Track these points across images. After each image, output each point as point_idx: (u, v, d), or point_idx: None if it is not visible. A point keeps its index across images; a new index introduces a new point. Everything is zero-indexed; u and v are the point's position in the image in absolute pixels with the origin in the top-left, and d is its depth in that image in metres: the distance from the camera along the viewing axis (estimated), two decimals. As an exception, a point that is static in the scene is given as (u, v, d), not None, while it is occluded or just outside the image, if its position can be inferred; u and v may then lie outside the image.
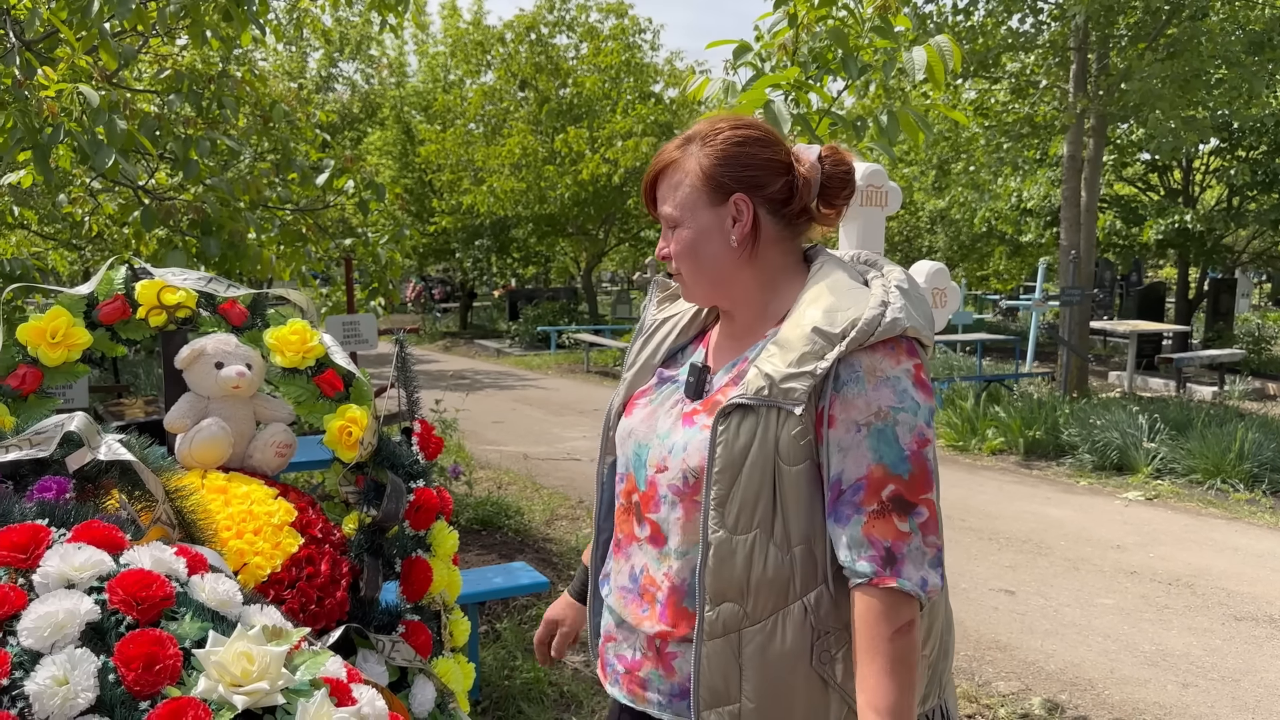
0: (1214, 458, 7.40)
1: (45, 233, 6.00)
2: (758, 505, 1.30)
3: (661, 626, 1.41)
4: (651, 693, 1.45)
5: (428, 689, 1.64)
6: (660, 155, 1.45)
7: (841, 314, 1.29)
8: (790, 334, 1.32)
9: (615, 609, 1.50)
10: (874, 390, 1.27)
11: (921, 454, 1.28)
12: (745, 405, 1.31)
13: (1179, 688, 3.97)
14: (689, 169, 1.40)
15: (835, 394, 1.28)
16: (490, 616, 4.34)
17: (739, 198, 1.38)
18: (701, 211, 1.40)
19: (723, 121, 1.43)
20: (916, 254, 19.51)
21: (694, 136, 1.42)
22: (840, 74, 2.48)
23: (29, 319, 1.56)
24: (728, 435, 1.31)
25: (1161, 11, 9.07)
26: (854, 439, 1.27)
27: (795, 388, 1.28)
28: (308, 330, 1.70)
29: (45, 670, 0.95)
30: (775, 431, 1.29)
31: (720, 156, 1.38)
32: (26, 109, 2.79)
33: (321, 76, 19.51)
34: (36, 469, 1.34)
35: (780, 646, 1.30)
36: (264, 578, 1.45)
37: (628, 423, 1.53)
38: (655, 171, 1.44)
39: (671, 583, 1.40)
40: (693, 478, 1.36)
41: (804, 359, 1.28)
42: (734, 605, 1.31)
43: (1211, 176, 14.92)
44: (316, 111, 5.73)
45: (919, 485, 1.27)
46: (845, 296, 1.32)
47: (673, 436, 1.41)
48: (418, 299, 26.17)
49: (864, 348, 1.28)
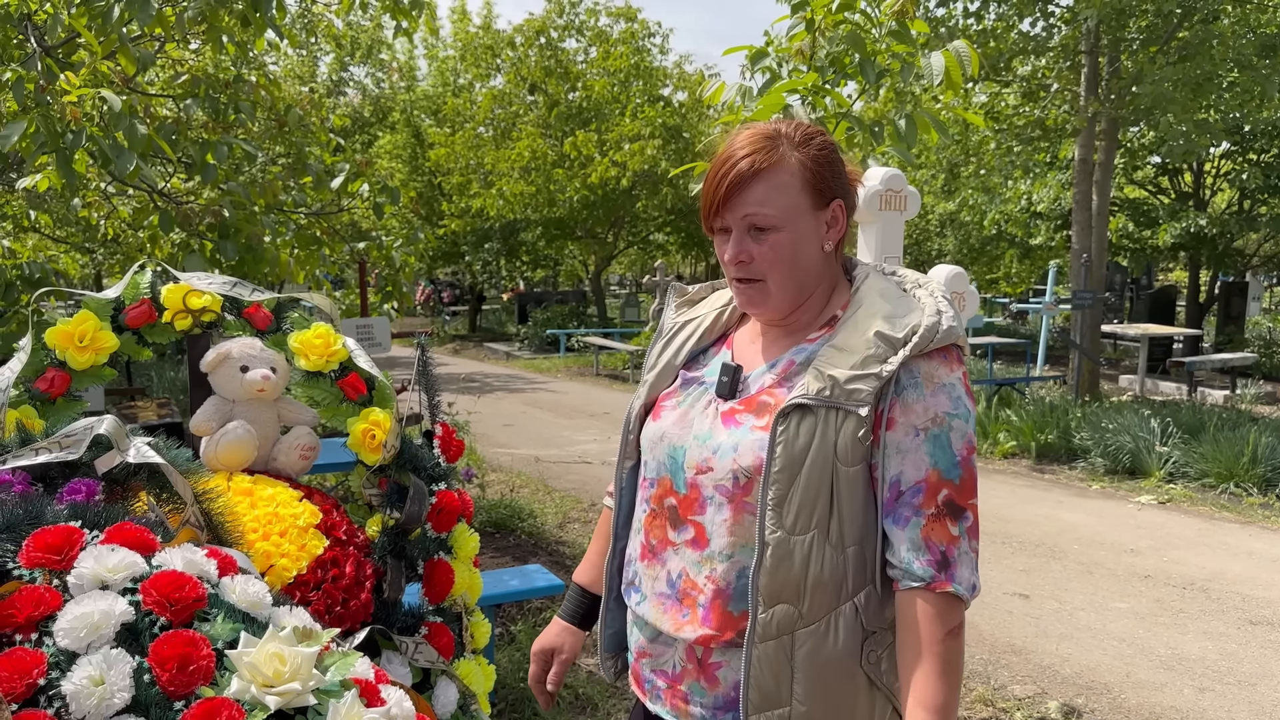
0: (1227, 462, 7.37)
1: (58, 236, 6.04)
2: (816, 506, 1.30)
3: (704, 631, 1.38)
4: (694, 706, 1.42)
5: (450, 690, 1.65)
6: (738, 152, 1.37)
7: (901, 320, 1.33)
8: (852, 339, 1.34)
9: (650, 619, 1.45)
10: (932, 396, 1.30)
11: (970, 460, 1.32)
12: (805, 406, 1.31)
13: (1195, 692, 3.95)
14: (789, 169, 1.36)
15: (895, 397, 1.30)
16: (505, 619, 4.35)
17: (838, 204, 1.40)
18: (805, 216, 1.37)
19: (804, 127, 1.40)
20: (926, 257, 19.48)
21: (779, 139, 1.38)
22: (857, 79, 2.48)
23: (47, 322, 1.57)
24: (788, 435, 1.31)
25: (1173, 15, 9.05)
26: (913, 443, 1.29)
27: (861, 389, 1.29)
28: (331, 334, 1.71)
29: (82, 670, 0.96)
30: (835, 432, 1.30)
31: (824, 161, 1.38)
32: (48, 114, 2.81)
33: (332, 81, 19.60)
34: (66, 471, 1.35)
35: (833, 647, 1.31)
36: (290, 579, 1.46)
37: (657, 426, 1.49)
38: (750, 172, 1.36)
39: (716, 585, 1.37)
40: (744, 478, 1.34)
41: (868, 362, 1.30)
42: (789, 606, 1.31)
43: (1223, 180, 14.87)
44: (331, 115, 5.74)
45: (968, 490, 1.31)
46: (900, 304, 1.35)
47: (716, 437, 1.39)
48: (427, 302, 26.22)
49: (923, 354, 1.31)
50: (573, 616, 1.70)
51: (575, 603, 1.71)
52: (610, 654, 1.64)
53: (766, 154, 1.35)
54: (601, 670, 1.67)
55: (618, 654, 1.64)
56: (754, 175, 1.35)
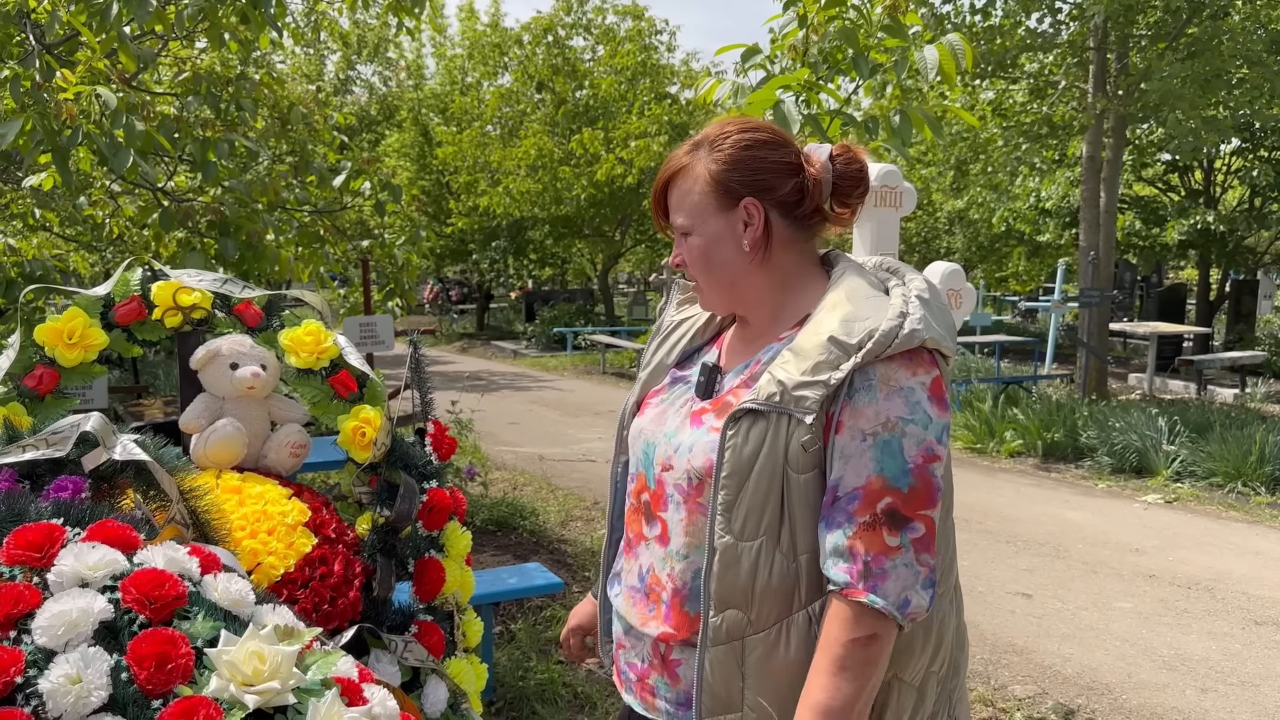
0: (1234, 461, 7.33)
1: (67, 234, 6.06)
2: (765, 512, 1.28)
3: (665, 629, 1.40)
4: (660, 700, 1.45)
5: (440, 689, 1.64)
6: (669, 163, 1.43)
7: (859, 324, 1.27)
8: (806, 342, 1.30)
9: (622, 612, 1.50)
10: (885, 400, 1.25)
11: (927, 469, 1.25)
12: (756, 410, 1.29)
13: (1198, 693, 3.93)
14: (698, 175, 1.39)
15: (847, 400, 1.26)
16: (505, 617, 4.35)
17: (749, 202, 1.37)
18: (712, 218, 1.38)
19: (730, 125, 1.41)
20: (934, 255, 19.43)
21: (702, 142, 1.41)
22: (851, 74, 2.47)
23: (48, 320, 1.57)
24: (736, 440, 1.29)
25: (1182, 10, 9.00)
26: (858, 447, 1.25)
27: (808, 396, 1.26)
28: (322, 331, 1.70)
29: (59, 668, 0.96)
30: (785, 438, 1.27)
31: (729, 161, 1.37)
32: (45, 111, 2.82)
33: (339, 79, 19.62)
34: (53, 469, 1.35)
35: (784, 655, 1.29)
36: (277, 577, 1.46)
37: (639, 422, 1.53)
38: (665, 179, 1.43)
39: (674, 584, 1.39)
40: (696, 479, 1.35)
41: (818, 368, 1.26)
42: (738, 612, 1.29)
43: (1233, 177, 14.79)
44: (334, 114, 5.75)
45: (919, 501, 1.24)
46: (864, 305, 1.30)
47: (679, 436, 1.41)
48: (435, 300, 26.26)
49: (881, 359, 1.25)
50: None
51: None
52: (609, 640, 1.68)
53: (682, 160, 1.41)
54: (602, 657, 1.71)
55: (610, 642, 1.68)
56: (669, 182, 1.42)
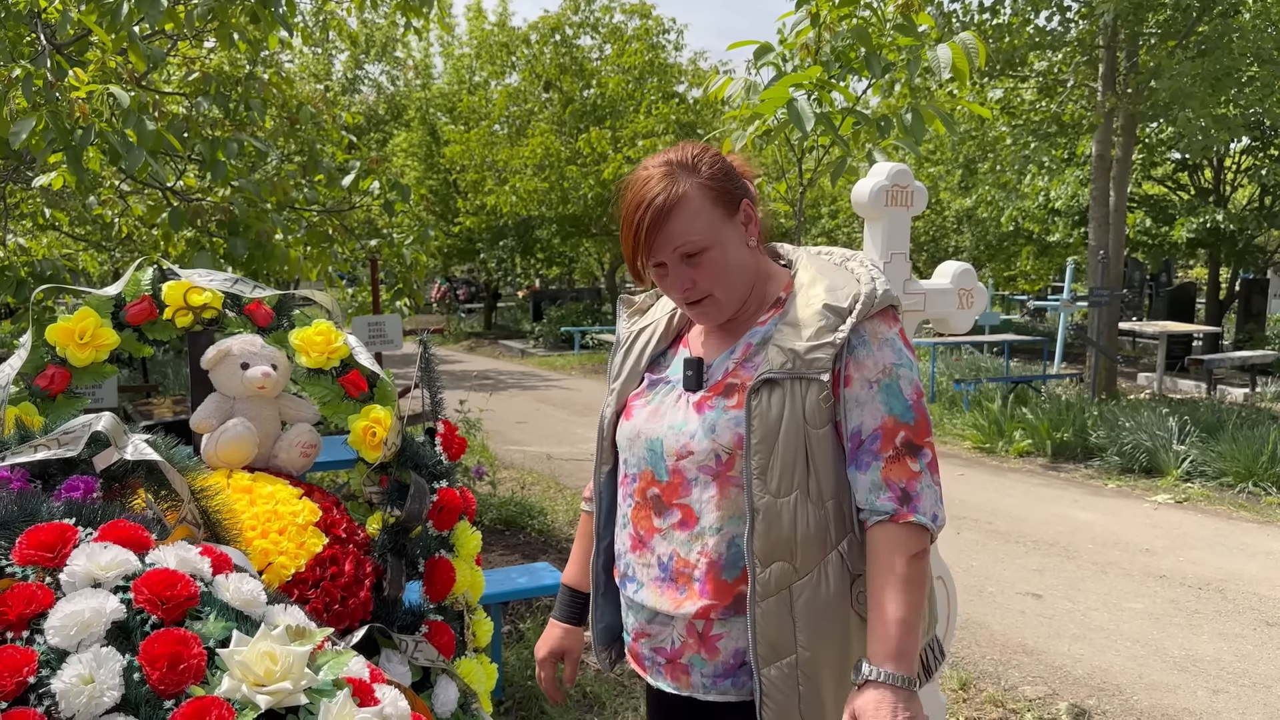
0: (1245, 460, 7.29)
1: (76, 234, 6.08)
2: (795, 468, 1.43)
3: (704, 602, 1.48)
4: (695, 676, 1.53)
5: (450, 689, 1.64)
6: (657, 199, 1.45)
7: (842, 291, 1.48)
8: (802, 314, 1.48)
9: (648, 603, 1.56)
10: (878, 351, 1.46)
11: (920, 403, 1.47)
12: (773, 380, 1.44)
13: (1209, 694, 3.91)
14: (699, 194, 1.48)
15: (849, 357, 1.45)
16: (514, 617, 4.35)
17: (745, 203, 1.53)
18: (723, 227, 1.50)
19: (682, 149, 1.53)
20: (943, 254, 19.35)
21: (674, 170, 1.48)
22: (863, 73, 2.46)
23: (58, 319, 1.58)
24: (761, 408, 1.44)
25: (1192, 8, 8.95)
26: (868, 394, 1.44)
27: (819, 357, 1.44)
28: (332, 331, 1.70)
29: (71, 669, 0.96)
30: (802, 399, 1.44)
31: (718, 172, 1.50)
32: (58, 111, 2.82)
33: (347, 78, 19.67)
34: (64, 468, 1.35)
35: (826, 593, 1.44)
36: (288, 577, 1.46)
37: (631, 425, 1.62)
38: (667, 210, 1.46)
39: (709, 559, 1.48)
40: (725, 454, 1.47)
41: (821, 332, 1.45)
42: (783, 564, 1.43)
43: (1243, 175, 14.71)
44: (342, 113, 5.76)
45: (923, 430, 1.46)
46: (836, 277, 1.52)
47: (691, 424, 1.51)
48: (442, 299, 26.28)
49: (868, 318, 1.46)
50: (569, 617, 1.82)
51: (569, 604, 1.83)
52: (604, 646, 1.76)
53: (670, 188, 1.47)
54: (598, 662, 1.77)
55: (610, 645, 1.76)
56: (669, 211, 1.47)
